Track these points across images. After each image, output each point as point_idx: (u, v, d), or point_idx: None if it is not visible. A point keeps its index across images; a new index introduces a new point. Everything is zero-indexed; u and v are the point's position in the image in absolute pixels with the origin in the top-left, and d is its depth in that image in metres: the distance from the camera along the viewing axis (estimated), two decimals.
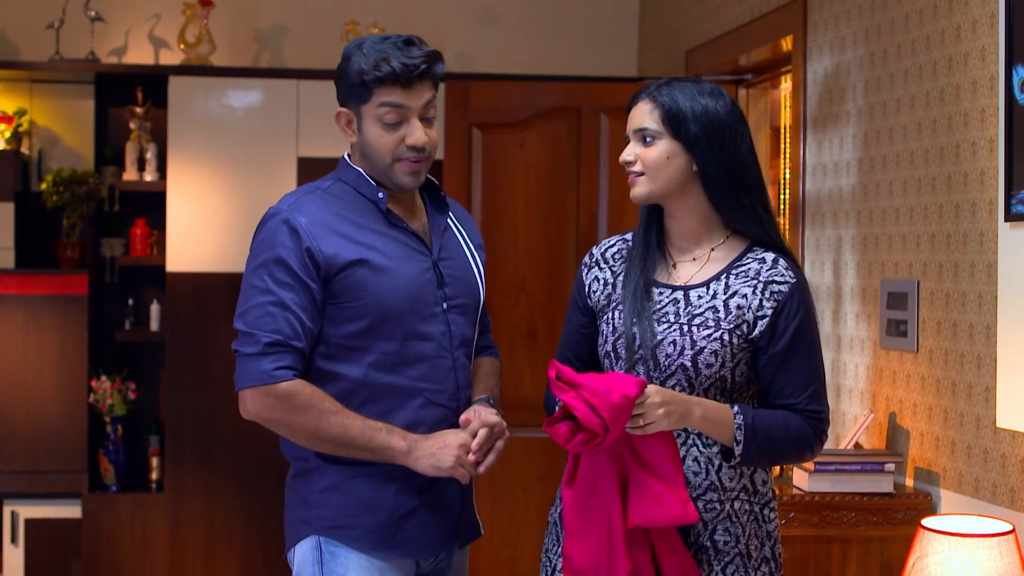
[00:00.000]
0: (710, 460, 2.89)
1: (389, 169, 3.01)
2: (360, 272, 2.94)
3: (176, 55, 6.73)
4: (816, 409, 2.91)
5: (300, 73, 6.47)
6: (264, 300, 2.91)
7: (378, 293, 2.95)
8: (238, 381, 2.95)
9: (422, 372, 3.00)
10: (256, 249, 2.97)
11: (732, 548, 2.90)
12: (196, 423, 6.37)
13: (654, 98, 2.95)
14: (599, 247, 3.12)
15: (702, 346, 2.87)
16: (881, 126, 4.35)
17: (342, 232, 2.96)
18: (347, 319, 2.95)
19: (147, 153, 6.51)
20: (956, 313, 3.86)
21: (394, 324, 2.97)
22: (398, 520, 2.98)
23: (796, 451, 2.91)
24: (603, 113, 6.17)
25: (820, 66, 4.84)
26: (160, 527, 6.35)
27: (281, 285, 2.90)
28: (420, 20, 6.98)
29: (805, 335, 2.91)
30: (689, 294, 2.93)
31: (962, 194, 3.84)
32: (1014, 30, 3.31)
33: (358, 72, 2.96)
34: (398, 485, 2.98)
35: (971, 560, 3.14)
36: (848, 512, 3.93)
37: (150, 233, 6.56)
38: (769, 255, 2.94)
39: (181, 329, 6.38)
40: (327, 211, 2.98)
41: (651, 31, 7.05)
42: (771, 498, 2.98)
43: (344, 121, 3.05)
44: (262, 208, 6.18)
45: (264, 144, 6.41)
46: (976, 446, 3.75)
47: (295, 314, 2.90)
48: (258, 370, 2.90)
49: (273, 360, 2.89)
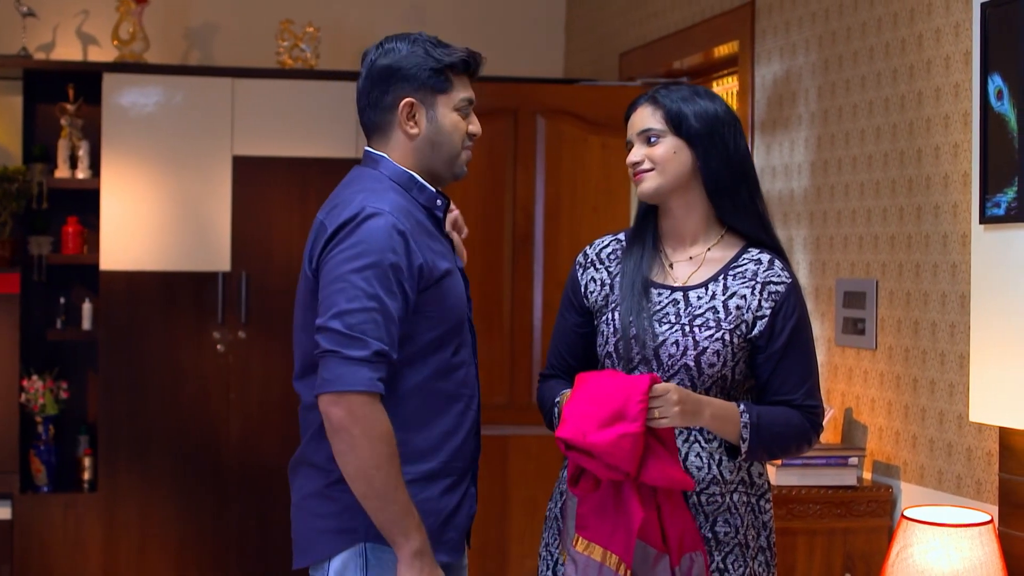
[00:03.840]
0: (711, 455, 2.98)
1: (457, 157, 3.04)
2: (447, 282, 2.94)
3: (107, 52, 6.68)
4: (812, 404, 3.02)
5: (236, 71, 6.46)
6: (371, 305, 2.81)
7: (455, 302, 2.97)
8: (335, 383, 2.80)
9: (462, 377, 3.02)
10: (360, 247, 2.85)
11: (732, 539, 2.99)
12: (130, 423, 6.33)
13: (655, 100, 3.05)
14: (593, 247, 3.19)
15: (705, 346, 2.96)
16: (836, 130, 4.48)
17: (424, 240, 2.94)
18: (427, 328, 2.93)
19: (79, 150, 6.45)
20: (918, 312, 4.00)
21: (457, 332, 2.99)
22: (443, 522, 2.99)
23: (795, 445, 3.02)
24: (539, 114, 6.23)
25: (769, 71, 4.96)
26: (93, 528, 6.30)
27: (389, 293, 2.83)
28: (351, 19, 7.02)
29: (801, 333, 3.01)
30: (688, 295, 3.02)
31: (924, 197, 3.98)
32: (989, 39, 3.44)
33: (439, 62, 2.97)
34: (442, 485, 2.99)
35: (954, 549, 3.27)
36: (813, 505, 4.05)
37: (82, 231, 6.50)
38: (765, 256, 3.04)
39: (115, 328, 6.34)
40: (410, 216, 2.94)
41: (580, 33, 7.14)
42: (766, 490, 3.09)
43: (407, 112, 2.98)
44: (198, 206, 6.34)
45: (199, 142, 6.39)
46: (939, 440, 3.89)
47: (396, 325, 2.84)
48: (363, 376, 2.80)
49: (375, 369, 2.81)
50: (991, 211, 3.44)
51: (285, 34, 6.62)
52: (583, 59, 7.07)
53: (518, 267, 6.19)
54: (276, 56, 6.67)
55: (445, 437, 2.99)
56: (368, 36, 7.02)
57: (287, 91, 6.49)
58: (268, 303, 6.47)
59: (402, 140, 3.02)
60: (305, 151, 6.49)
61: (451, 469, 3.01)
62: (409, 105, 2.98)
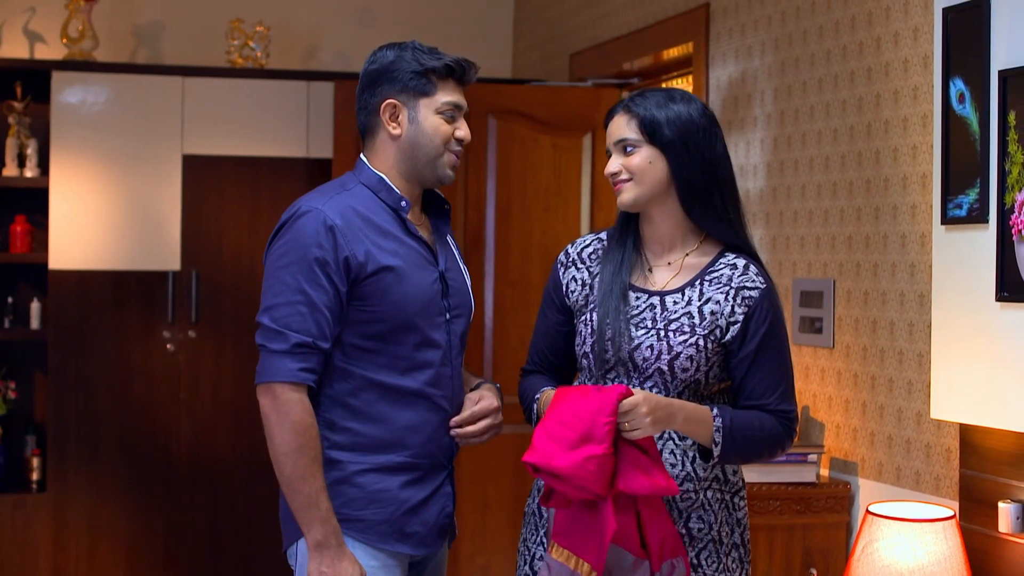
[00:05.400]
0: (685, 452, 3.02)
1: (437, 160, 3.11)
2: (386, 278, 3.02)
3: (54, 50, 6.63)
4: (786, 409, 3.06)
5: (186, 70, 6.44)
6: (295, 299, 2.97)
7: (398, 300, 3.04)
8: (261, 375, 2.99)
9: (429, 377, 3.10)
10: (289, 244, 3.01)
11: (705, 535, 3.04)
12: (79, 422, 6.29)
13: (629, 109, 3.08)
14: (574, 246, 3.23)
15: (678, 351, 3.00)
16: (792, 131, 4.55)
17: (370, 237, 3.03)
18: (366, 321, 3.03)
19: (27, 149, 6.40)
20: (876, 311, 4.07)
21: (409, 330, 3.06)
22: (405, 514, 3.06)
23: (768, 450, 3.06)
24: (491, 114, 6.26)
25: (724, 72, 5.02)
26: (42, 528, 6.25)
27: (315, 286, 2.97)
28: (301, 19, 7.01)
29: (774, 338, 3.06)
30: (665, 300, 3.06)
31: (882, 198, 4.05)
32: (951, 44, 3.51)
33: (422, 66, 3.06)
34: (404, 478, 3.06)
35: (919, 544, 3.34)
36: (773, 501, 4.11)
37: (31, 230, 6.45)
38: (740, 261, 3.09)
39: (64, 327, 6.29)
40: (356, 214, 3.04)
41: (528, 33, 7.18)
42: (740, 487, 3.13)
43: (389, 113, 3.09)
44: (148, 205, 6.31)
45: (149, 141, 6.36)
46: (898, 436, 3.96)
47: (324, 316, 2.97)
48: (284, 367, 2.96)
49: (297, 360, 2.96)
50: (953, 212, 3.51)
51: (235, 33, 6.61)
52: (532, 59, 7.11)
53: (469, 267, 6.13)
54: (226, 55, 6.65)
55: (408, 432, 3.08)
56: (318, 36, 7.04)
57: (237, 90, 6.47)
58: (218, 302, 6.45)
59: (386, 141, 3.13)
60: (255, 150, 6.48)
61: (417, 465, 3.10)
62: (391, 106, 3.09)
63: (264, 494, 6.31)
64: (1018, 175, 3.25)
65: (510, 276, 6.25)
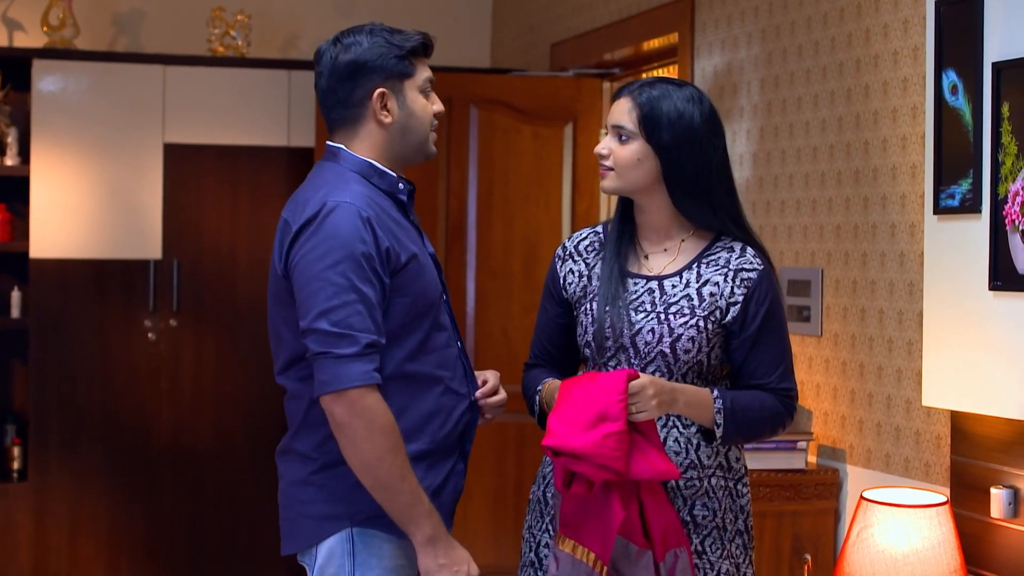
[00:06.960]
0: (689, 440, 3.05)
1: (427, 139, 3.08)
2: (413, 266, 2.97)
3: (35, 38, 6.61)
4: (787, 387, 3.10)
5: (167, 59, 6.43)
6: (351, 298, 2.85)
7: (424, 286, 3.00)
8: (333, 383, 2.85)
9: (439, 360, 3.05)
10: (329, 242, 2.88)
11: (710, 522, 3.08)
12: (60, 411, 6.28)
13: (635, 98, 3.07)
14: (571, 240, 3.25)
15: (680, 333, 3.03)
16: (780, 122, 4.59)
17: (390, 227, 2.97)
18: (399, 311, 2.96)
19: (8, 137, 6.38)
20: (865, 299, 4.12)
21: (428, 315, 3.02)
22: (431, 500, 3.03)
23: (770, 428, 3.10)
24: (472, 104, 6.27)
25: (709, 63, 5.05)
26: (23, 518, 6.24)
27: (365, 282, 2.86)
28: (282, 7, 7.01)
29: (773, 319, 3.09)
30: (663, 284, 3.09)
31: (872, 188, 4.10)
32: (944, 37, 3.55)
33: (401, 49, 3.01)
34: (424, 465, 3.02)
35: (913, 529, 3.39)
36: (763, 488, 4.16)
37: (11, 219, 6.43)
38: (737, 244, 3.11)
39: (45, 316, 6.28)
40: (376, 205, 2.98)
41: (508, 23, 7.20)
42: (743, 474, 3.17)
43: (381, 102, 3.01)
44: (129, 194, 6.31)
45: (130, 129, 6.35)
46: (887, 423, 4.01)
47: (378, 311, 2.89)
48: (359, 371, 2.85)
49: (368, 361, 2.86)
50: (945, 202, 3.55)
51: (216, 22, 6.60)
52: (512, 49, 7.13)
53: (451, 256, 6.24)
54: (207, 44, 6.65)
55: (427, 419, 3.03)
56: (298, 24, 7.04)
57: (218, 79, 6.47)
58: (200, 291, 6.45)
59: (373, 130, 3.04)
60: (236, 139, 6.48)
61: (436, 449, 3.06)
62: (381, 95, 3.01)
63: (246, 482, 6.33)
64: (1012, 166, 3.29)
65: (491, 266, 6.27)
